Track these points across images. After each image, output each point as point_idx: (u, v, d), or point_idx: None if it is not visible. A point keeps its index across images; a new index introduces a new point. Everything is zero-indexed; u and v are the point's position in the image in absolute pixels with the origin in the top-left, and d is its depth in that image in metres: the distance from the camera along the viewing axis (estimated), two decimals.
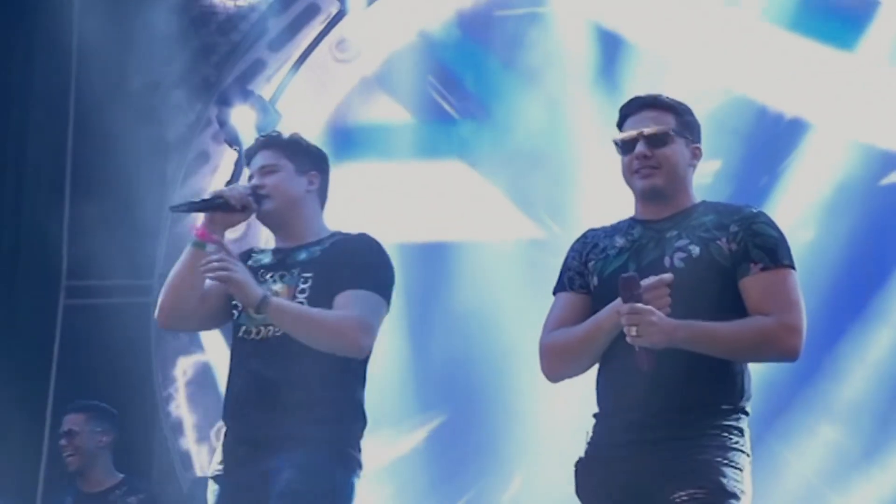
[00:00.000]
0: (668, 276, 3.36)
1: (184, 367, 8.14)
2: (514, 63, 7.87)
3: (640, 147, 3.61)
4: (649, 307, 3.30)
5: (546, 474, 6.86)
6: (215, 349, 7.86)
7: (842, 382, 7.05)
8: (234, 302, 3.91)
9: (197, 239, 3.90)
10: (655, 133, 3.63)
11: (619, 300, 3.36)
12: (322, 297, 3.86)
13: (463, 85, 8.11)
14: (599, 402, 3.60)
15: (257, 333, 3.88)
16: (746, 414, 3.51)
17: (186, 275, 3.89)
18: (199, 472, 7.61)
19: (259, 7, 8.37)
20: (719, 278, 3.48)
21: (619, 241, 3.64)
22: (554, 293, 3.72)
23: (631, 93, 3.89)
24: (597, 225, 3.79)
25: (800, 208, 7.06)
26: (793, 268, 3.51)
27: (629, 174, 3.66)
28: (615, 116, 3.76)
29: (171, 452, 7.80)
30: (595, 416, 3.60)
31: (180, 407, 7.99)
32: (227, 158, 8.25)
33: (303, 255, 3.99)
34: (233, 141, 8.07)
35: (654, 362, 3.32)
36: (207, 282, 3.89)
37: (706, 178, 7.12)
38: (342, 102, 8.28)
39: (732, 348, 3.41)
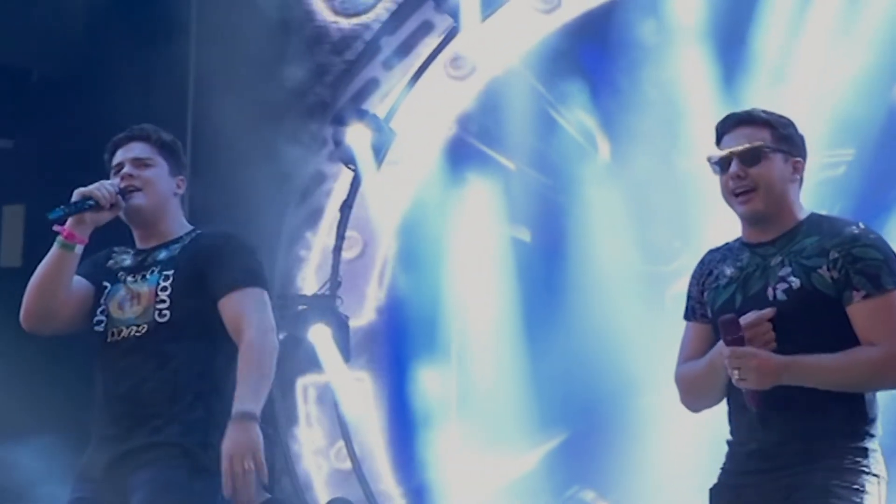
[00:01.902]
0: (769, 311, 3.29)
1: (303, 386, 8.22)
2: (629, 73, 7.81)
3: (734, 167, 3.45)
4: (751, 350, 3.24)
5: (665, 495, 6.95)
6: (334, 369, 7.96)
7: None
8: (102, 303, 3.75)
9: (65, 241, 3.67)
10: (748, 150, 3.46)
11: (722, 342, 3.33)
12: (184, 294, 3.70)
13: (577, 98, 8.06)
14: (730, 429, 3.49)
15: (120, 334, 3.72)
16: (872, 436, 3.38)
17: (54, 276, 3.68)
18: (318, 493, 7.73)
19: (373, 26, 8.47)
20: (824, 309, 3.35)
21: (728, 271, 3.50)
22: (684, 318, 3.60)
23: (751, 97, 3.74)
24: (716, 244, 3.63)
25: None
26: None
27: (728, 195, 3.51)
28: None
29: (291, 474, 7.86)
30: (728, 443, 3.48)
31: (302, 430, 8.05)
32: (343, 177, 8.34)
33: (162, 255, 3.81)
34: (348, 160, 8.16)
35: (762, 402, 3.26)
36: (74, 280, 3.74)
37: (839, 169, 7.21)
38: (457, 119, 8.38)
39: (842, 383, 3.29)
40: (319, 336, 7.87)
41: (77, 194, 3.72)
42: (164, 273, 3.75)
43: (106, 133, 7.57)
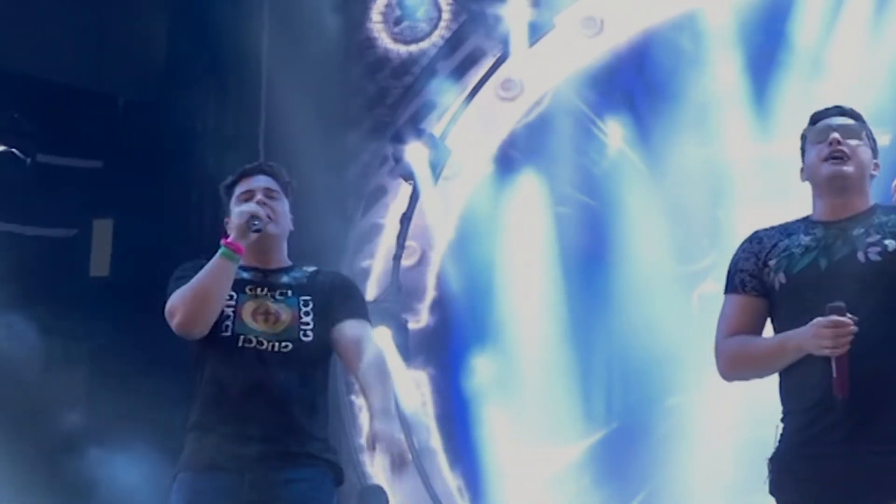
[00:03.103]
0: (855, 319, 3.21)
1: None
2: (667, 88, 7.88)
3: (834, 134, 3.44)
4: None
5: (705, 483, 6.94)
6: (394, 367, 7.73)
7: None
8: (227, 309, 3.79)
9: (232, 252, 3.74)
10: (851, 126, 3.49)
11: (808, 328, 3.21)
12: (320, 320, 3.80)
13: (618, 115, 8.11)
14: (792, 399, 3.39)
15: (259, 344, 3.76)
16: None
17: (223, 283, 3.74)
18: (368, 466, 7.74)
19: (429, 52, 8.50)
20: None
21: (804, 240, 3.42)
22: (725, 293, 3.50)
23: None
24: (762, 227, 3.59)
25: None
26: None
27: (819, 162, 3.46)
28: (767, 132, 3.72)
29: (354, 464, 7.90)
30: (786, 413, 3.40)
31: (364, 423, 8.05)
32: (402, 192, 8.41)
33: (285, 279, 3.89)
34: (407, 176, 8.22)
35: (849, 391, 3.17)
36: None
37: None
38: (507, 137, 8.40)
39: None
40: (381, 338, 7.53)
41: (244, 214, 3.78)
42: (303, 298, 3.82)
43: (186, 152, 7.80)
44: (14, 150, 7.82)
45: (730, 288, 3.46)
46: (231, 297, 3.79)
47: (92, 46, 8.17)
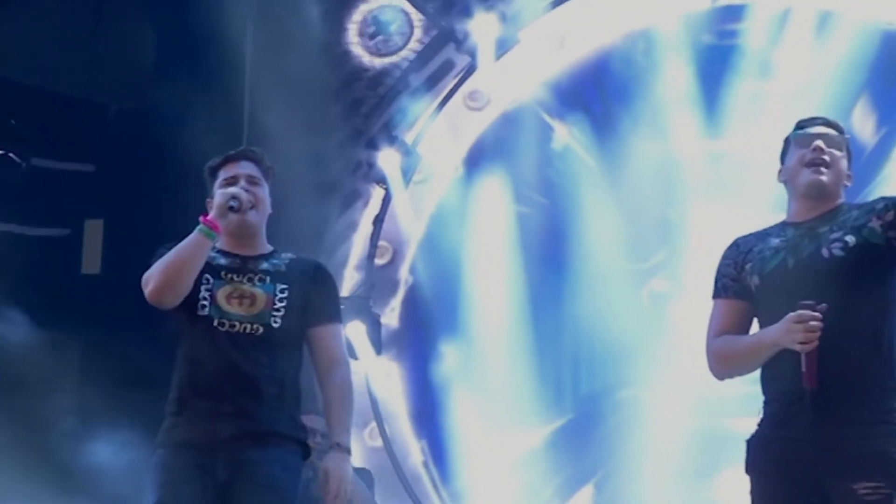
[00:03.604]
0: (823, 306, 3.26)
1: None
2: (623, 99, 7.97)
3: (818, 142, 3.49)
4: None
5: (658, 468, 7.04)
6: (367, 360, 8.03)
7: None
8: (204, 291, 3.80)
9: (209, 229, 3.75)
10: (834, 137, 3.54)
11: (781, 324, 3.28)
12: (294, 309, 3.81)
13: (577, 124, 8.17)
14: (771, 394, 3.45)
15: (231, 326, 3.77)
16: None
17: (196, 258, 3.74)
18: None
19: (402, 64, 8.52)
20: (874, 260, 3.37)
21: (774, 242, 3.48)
22: (712, 298, 3.58)
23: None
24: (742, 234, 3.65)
25: None
26: None
27: (799, 166, 3.51)
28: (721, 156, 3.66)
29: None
30: (765, 402, 3.46)
31: None
32: (376, 195, 8.42)
33: (265, 265, 3.89)
34: (381, 180, 8.24)
35: (816, 383, 3.25)
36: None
37: None
38: (474, 144, 8.42)
39: None
40: (355, 332, 7.90)
41: (225, 194, 3.78)
42: (280, 286, 3.81)
43: (173, 157, 7.67)
44: (10, 154, 7.77)
45: (714, 293, 3.55)
46: (208, 282, 3.80)
47: (85, 58, 8.19)
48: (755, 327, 3.50)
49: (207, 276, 3.80)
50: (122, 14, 8.32)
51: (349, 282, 8.32)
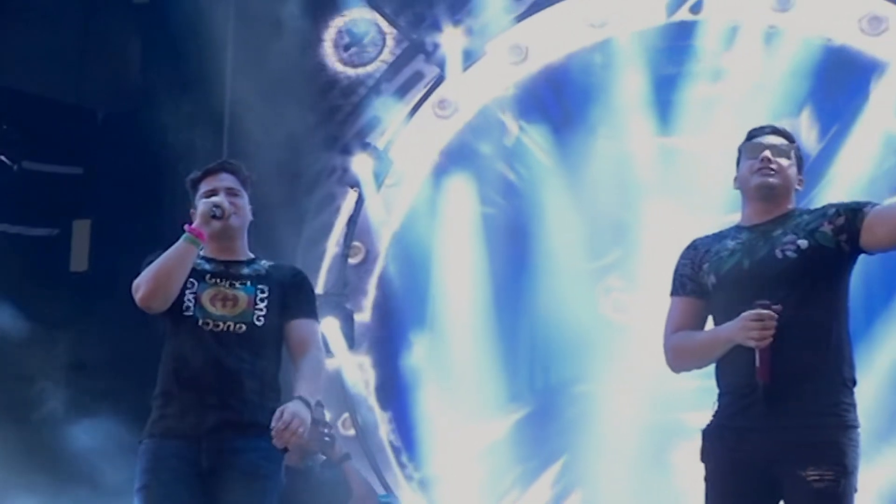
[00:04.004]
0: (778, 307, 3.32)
1: None
2: (581, 107, 8.03)
3: (766, 152, 3.53)
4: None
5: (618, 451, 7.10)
6: (341, 354, 8.14)
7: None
8: (189, 294, 3.86)
9: (195, 237, 3.83)
10: (781, 145, 3.58)
11: (737, 321, 3.34)
12: (274, 308, 3.90)
13: (538, 130, 8.25)
14: (725, 387, 3.49)
15: (216, 326, 3.85)
16: (855, 384, 3.43)
17: (184, 265, 3.81)
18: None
19: (374, 74, 8.57)
20: (823, 262, 3.42)
21: (730, 244, 3.52)
22: (670, 295, 3.62)
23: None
24: (696, 236, 3.70)
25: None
26: None
27: (749, 174, 3.55)
28: (673, 160, 3.71)
29: None
30: (720, 394, 3.50)
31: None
32: (349, 198, 8.51)
33: (246, 270, 3.96)
34: (354, 184, 8.34)
35: (769, 377, 3.31)
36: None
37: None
38: (442, 150, 8.49)
39: None
40: (329, 327, 7.93)
41: (207, 203, 3.85)
42: (260, 287, 3.88)
43: (157, 161, 7.66)
44: (2, 157, 7.83)
45: (672, 291, 3.60)
46: (192, 285, 3.85)
47: (74, 66, 8.18)
48: (710, 324, 3.55)
49: (192, 280, 3.87)
50: (109, 26, 8.31)
51: (324, 280, 8.34)
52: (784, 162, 3.55)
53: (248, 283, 3.92)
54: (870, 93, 7.47)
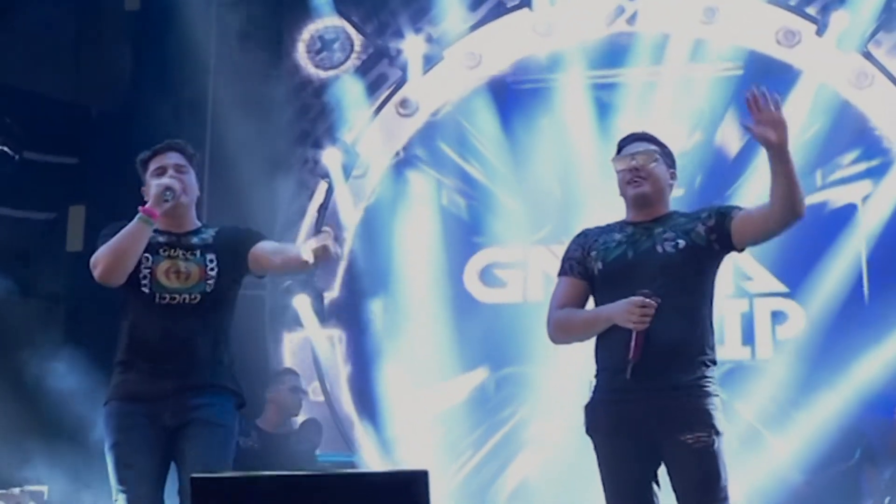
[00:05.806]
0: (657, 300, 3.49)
1: (290, 340, 8.41)
2: (529, 111, 8.20)
3: (632, 162, 3.68)
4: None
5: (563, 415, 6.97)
6: (312, 328, 8.33)
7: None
8: (144, 270, 3.88)
9: (148, 217, 3.84)
10: (645, 152, 3.72)
11: (621, 304, 3.50)
12: (224, 271, 3.95)
13: (491, 130, 8.38)
14: (603, 363, 3.66)
15: (172, 299, 3.89)
16: (715, 364, 3.62)
17: (138, 243, 3.82)
18: (299, 418, 7.57)
19: (343, 77, 8.66)
20: (696, 258, 3.60)
21: (617, 236, 3.67)
22: (558, 276, 3.78)
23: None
24: (590, 226, 3.85)
25: None
26: None
27: (624, 185, 3.71)
28: (609, 155, 3.88)
29: None
30: (598, 370, 3.68)
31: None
32: (320, 188, 8.63)
33: (195, 240, 3.99)
34: (324, 174, 8.48)
35: (639, 357, 3.48)
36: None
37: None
38: (404, 145, 8.61)
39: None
40: (301, 304, 8.13)
41: (160, 186, 3.88)
42: (209, 256, 3.93)
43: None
44: (5, 148, 7.80)
45: (561, 271, 3.78)
46: (148, 259, 3.89)
47: (71, 66, 8.22)
48: (590, 305, 3.74)
49: (147, 254, 3.90)
50: (103, 30, 8.37)
51: None
52: (651, 165, 3.69)
53: (198, 252, 3.95)
54: (787, 97, 7.61)
